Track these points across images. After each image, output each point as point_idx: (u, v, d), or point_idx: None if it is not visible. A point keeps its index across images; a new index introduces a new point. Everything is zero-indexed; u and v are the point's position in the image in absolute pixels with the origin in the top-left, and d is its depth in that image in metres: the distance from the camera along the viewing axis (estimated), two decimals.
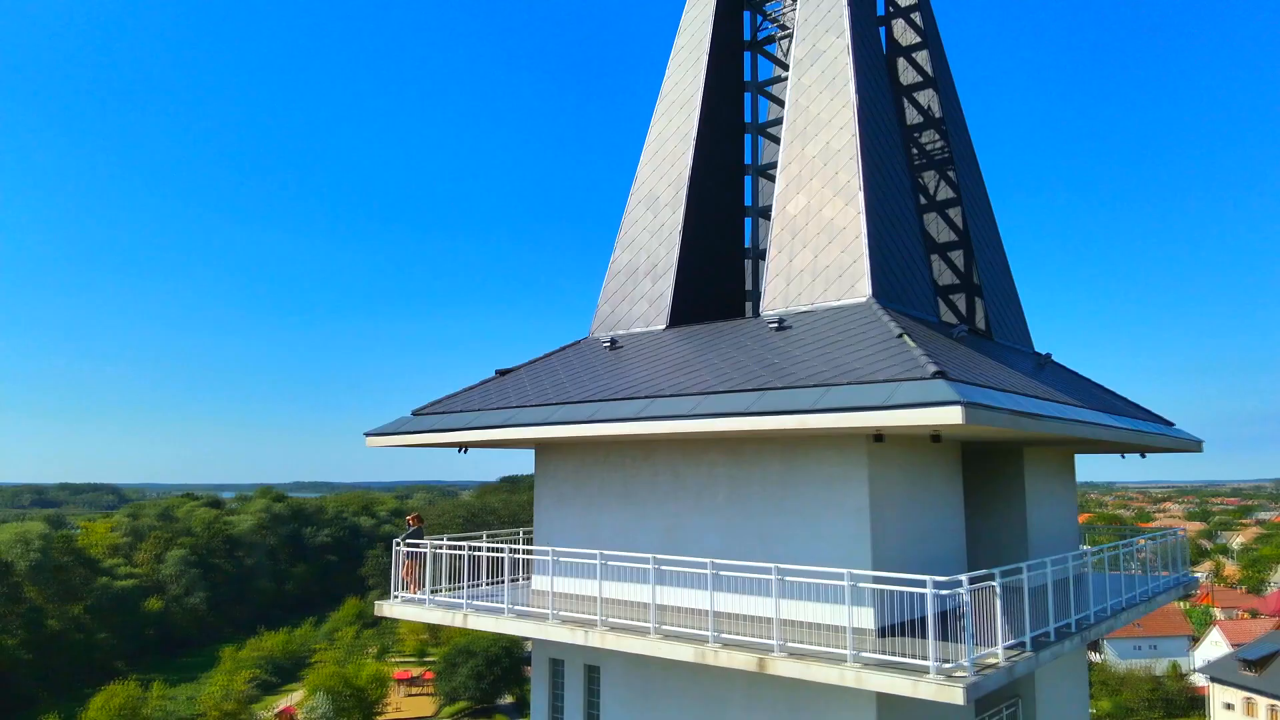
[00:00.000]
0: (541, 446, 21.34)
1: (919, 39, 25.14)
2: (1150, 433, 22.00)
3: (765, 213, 24.63)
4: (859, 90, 20.34)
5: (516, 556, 23.34)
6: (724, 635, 15.58)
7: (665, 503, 19.11)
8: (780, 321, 18.34)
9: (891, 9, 25.59)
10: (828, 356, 16.03)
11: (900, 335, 15.78)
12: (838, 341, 16.65)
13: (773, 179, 25.06)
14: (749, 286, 24.00)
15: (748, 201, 24.50)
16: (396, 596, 20.98)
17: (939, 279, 24.70)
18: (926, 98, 24.89)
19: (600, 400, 18.14)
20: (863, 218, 18.88)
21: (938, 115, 24.51)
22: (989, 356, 19.33)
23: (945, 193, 24.39)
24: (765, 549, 17.40)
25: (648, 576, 17.68)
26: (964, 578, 13.47)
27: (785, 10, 26.34)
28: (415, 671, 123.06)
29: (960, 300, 24.08)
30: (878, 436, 15.61)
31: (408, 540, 21.10)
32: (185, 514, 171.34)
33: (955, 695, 12.80)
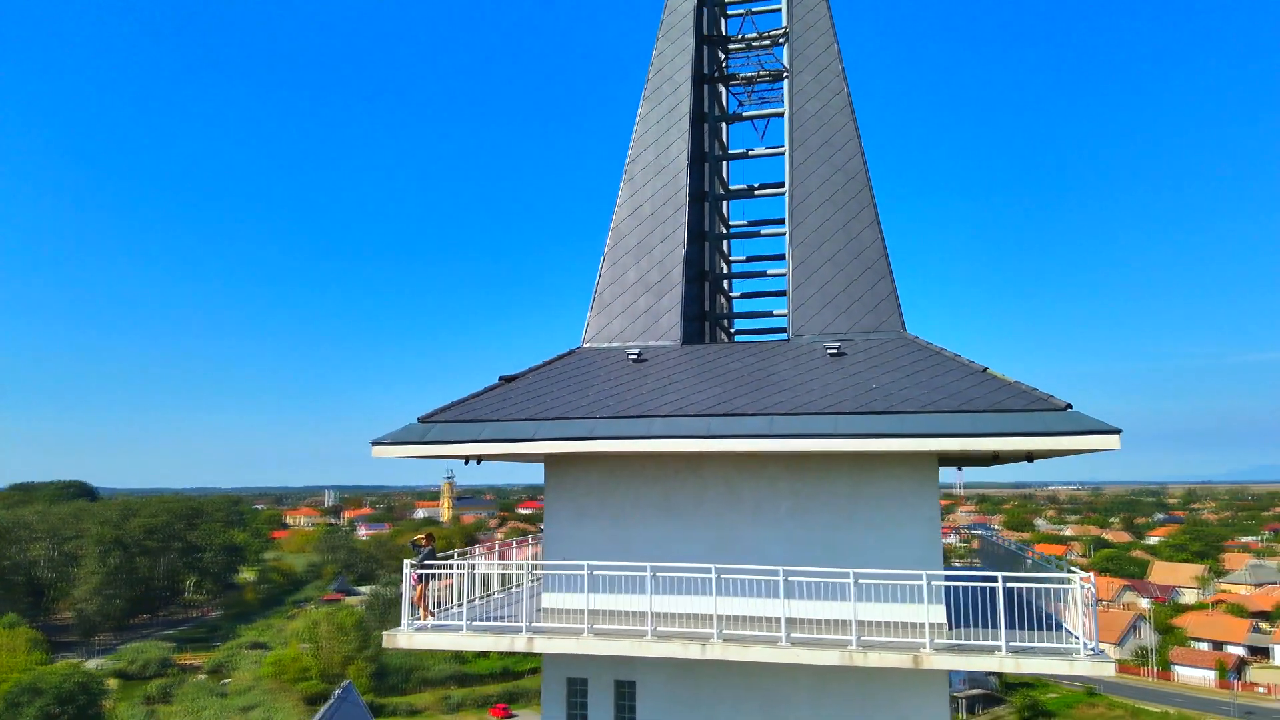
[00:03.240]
0: (556, 458, 20.56)
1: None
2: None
3: (717, 241, 26.02)
4: (859, 136, 22.88)
5: (536, 574, 22.08)
6: (865, 639, 16.86)
7: (718, 515, 19.68)
8: (839, 348, 20.01)
9: None
10: (928, 383, 18.09)
11: (985, 369, 18.40)
12: (919, 370, 18.80)
13: (727, 207, 26.53)
14: (707, 308, 25.18)
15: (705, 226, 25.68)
16: (410, 623, 18.84)
17: None
18: None
19: (670, 415, 18.31)
20: (887, 259, 21.31)
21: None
22: None
23: None
24: (832, 559, 18.82)
25: (745, 589, 18.26)
26: (1091, 575, 16.40)
27: (735, 52, 27.98)
28: None
29: None
30: (995, 456, 18.04)
31: (425, 562, 19.08)
32: None
33: (1108, 669, 15.61)
